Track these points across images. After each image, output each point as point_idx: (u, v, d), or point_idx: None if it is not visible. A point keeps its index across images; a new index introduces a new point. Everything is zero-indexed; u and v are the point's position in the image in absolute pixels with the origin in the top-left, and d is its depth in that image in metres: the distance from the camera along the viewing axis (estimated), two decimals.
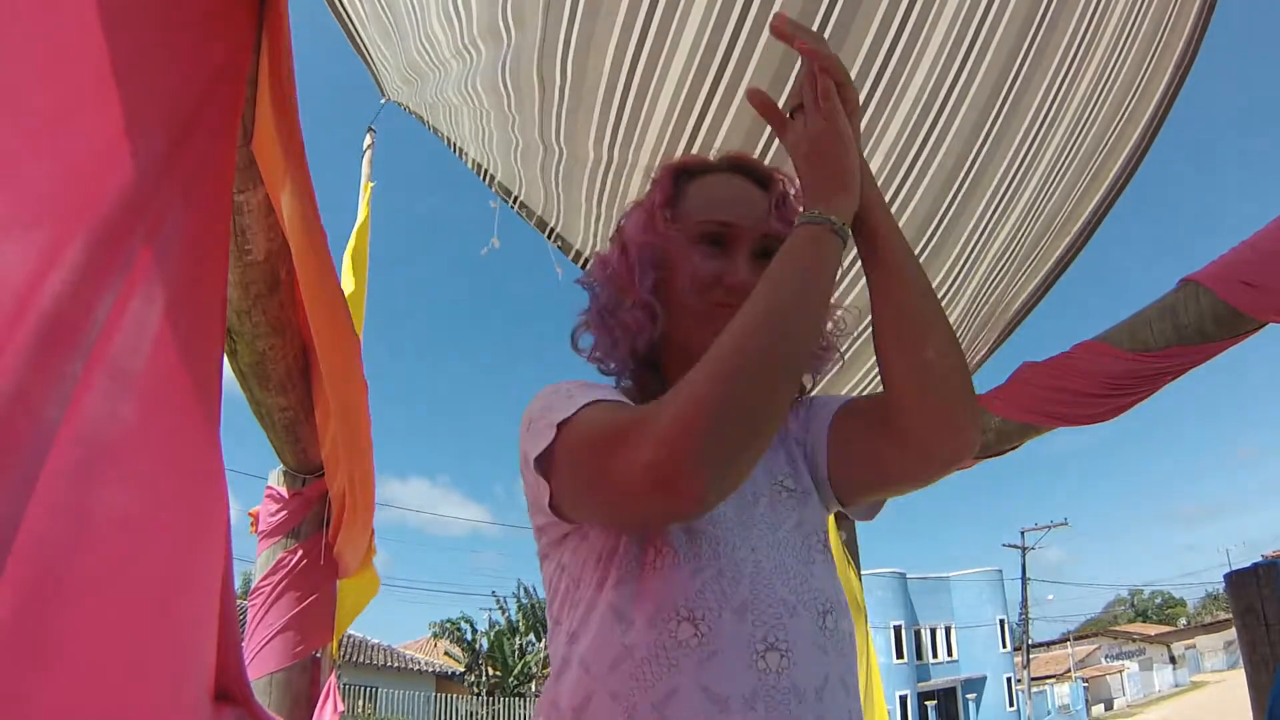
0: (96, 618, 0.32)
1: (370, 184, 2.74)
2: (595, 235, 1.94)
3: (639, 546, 0.76)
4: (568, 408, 0.75)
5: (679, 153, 1.56)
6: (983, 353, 2.17)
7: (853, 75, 1.38)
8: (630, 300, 0.88)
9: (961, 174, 1.58)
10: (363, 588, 2.32)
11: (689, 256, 0.87)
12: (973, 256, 1.79)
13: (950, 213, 1.67)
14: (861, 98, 1.42)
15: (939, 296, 1.86)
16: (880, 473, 0.87)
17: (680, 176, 0.94)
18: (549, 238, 1.99)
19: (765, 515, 0.82)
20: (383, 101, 2.25)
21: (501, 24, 1.43)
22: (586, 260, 2.03)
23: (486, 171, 2.00)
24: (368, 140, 2.83)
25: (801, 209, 0.80)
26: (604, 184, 1.72)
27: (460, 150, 2.04)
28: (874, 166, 1.54)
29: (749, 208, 0.89)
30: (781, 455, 0.91)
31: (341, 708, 2.14)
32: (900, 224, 1.70)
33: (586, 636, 0.75)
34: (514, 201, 1.98)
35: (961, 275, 1.84)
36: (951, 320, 1.96)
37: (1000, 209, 1.70)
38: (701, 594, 0.73)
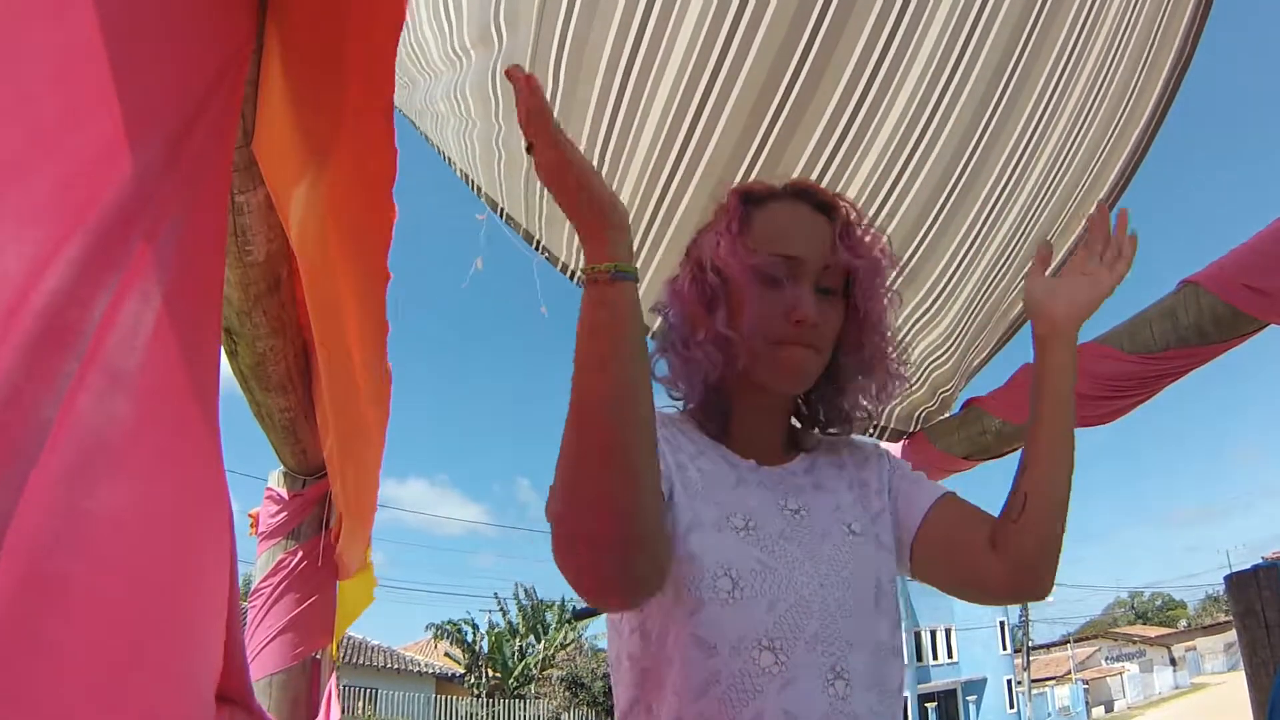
0: (94, 618, 0.32)
1: None
2: (577, 250, 1.94)
3: (715, 578, 0.79)
4: None
5: (671, 157, 1.56)
6: (983, 355, 2.17)
7: (846, 75, 1.40)
8: (702, 333, 0.89)
9: (955, 175, 1.59)
10: (360, 592, 2.32)
11: (755, 292, 0.88)
12: (969, 256, 1.79)
13: (944, 214, 1.67)
14: (855, 96, 1.42)
15: (934, 297, 1.87)
16: (964, 581, 0.91)
17: (747, 203, 0.93)
18: (535, 249, 1.99)
19: (831, 553, 0.85)
20: None
21: (493, 27, 1.43)
22: (574, 273, 2.03)
23: (473, 182, 2.01)
24: None
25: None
26: None
27: (448, 159, 2.05)
28: (867, 166, 1.54)
29: (812, 238, 0.89)
30: (850, 497, 0.92)
31: (338, 716, 2.14)
32: (893, 224, 1.71)
33: (669, 665, 0.79)
34: (500, 212, 1.99)
35: (956, 276, 1.84)
36: (947, 322, 1.97)
37: (996, 210, 1.70)
38: (779, 626, 0.78)
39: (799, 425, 1.01)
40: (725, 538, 0.81)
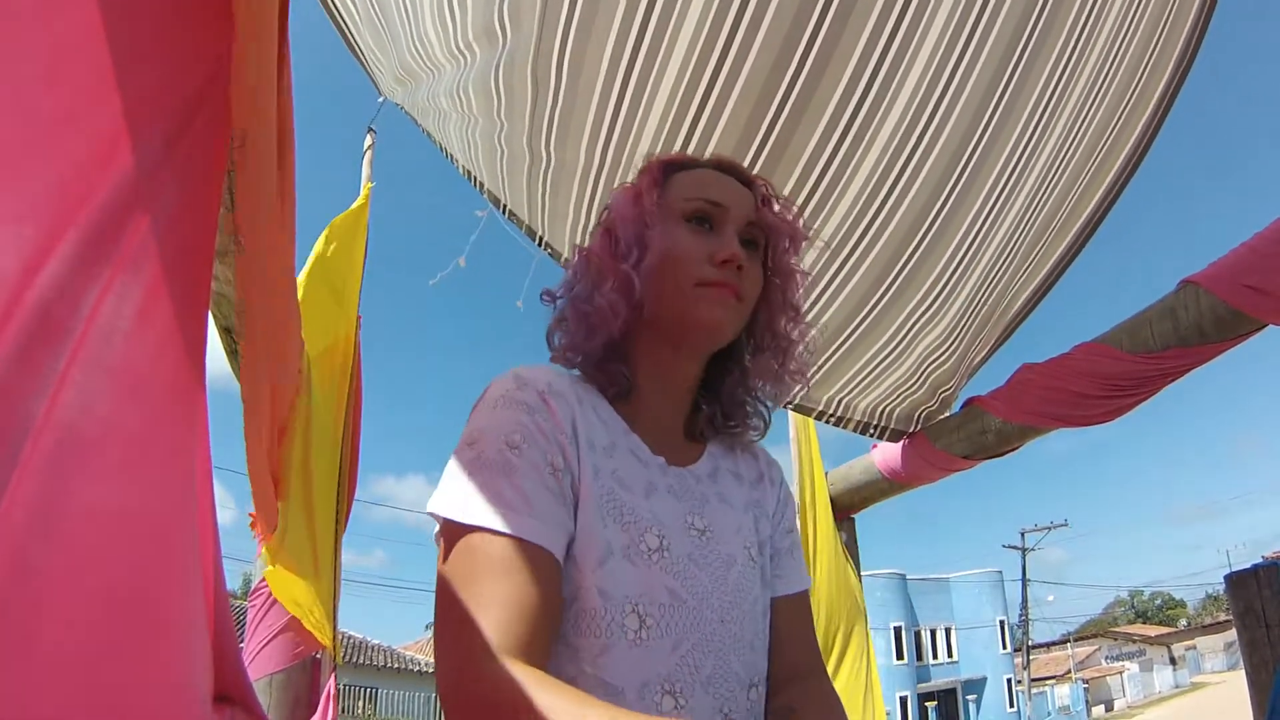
0: (74, 614, 0.32)
1: (370, 184, 2.74)
2: (582, 241, 1.95)
3: (624, 615, 0.75)
4: (459, 504, 0.72)
5: (676, 149, 1.56)
6: (982, 354, 2.17)
7: (848, 70, 1.39)
8: (609, 281, 0.85)
9: (956, 173, 1.58)
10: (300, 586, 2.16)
11: (676, 235, 0.85)
12: (969, 255, 1.79)
13: (945, 212, 1.66)
14: (857, 92, 1.42)
15: (935, 295, 1.87)
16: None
17: (668, 168, 0.93)
18: (539, 245, 1.99)
19: (735, 582, 0.83)
20: (380, 100, 2.25)
21: (498, 24, 1.43)
22: None
23: (476, 179, 2.01)
24: (368, 141, 2.83)
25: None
26: (595, 189, 1.72)
27: (451, 156, 2.05)
28: (868, 164, 1.54)
29: (736, 195, 0.89)
30: (748, 518, 0.90)
31: (333, 716, 2.14)
32: (894, 223, 1.71)
33: None
34: (503, 209, 1.99)
35: (957, 274, 1.83)
36: (947, 320, 1.97)
37: (997, 208, 1.69)
38: (679, 668, 0.76)
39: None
40: (636, 568, 0.76)
